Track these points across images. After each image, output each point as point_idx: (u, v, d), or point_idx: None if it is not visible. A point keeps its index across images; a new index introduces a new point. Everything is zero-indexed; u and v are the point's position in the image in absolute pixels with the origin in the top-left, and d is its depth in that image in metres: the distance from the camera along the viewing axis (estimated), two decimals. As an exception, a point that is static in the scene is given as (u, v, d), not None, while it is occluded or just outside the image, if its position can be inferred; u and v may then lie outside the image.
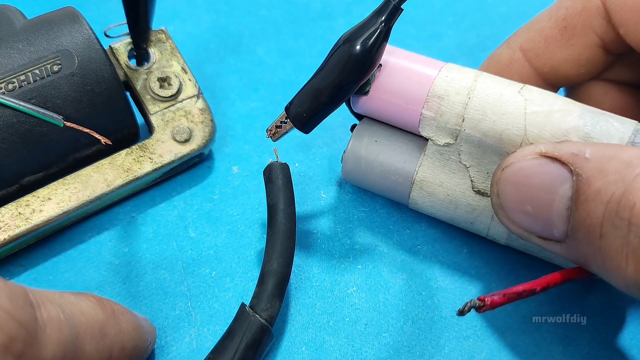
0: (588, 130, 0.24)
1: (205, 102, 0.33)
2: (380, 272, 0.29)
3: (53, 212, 0.29)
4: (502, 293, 0.22)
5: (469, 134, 0.26)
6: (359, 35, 0.25)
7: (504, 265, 0.29)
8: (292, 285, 0.29)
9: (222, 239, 0.31)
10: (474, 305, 0.22)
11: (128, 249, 0.30)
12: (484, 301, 0.22)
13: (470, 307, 0.22)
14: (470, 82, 0.26)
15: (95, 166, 0.30)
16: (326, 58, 0.26)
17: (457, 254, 0.30)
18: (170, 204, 0.32)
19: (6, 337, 0.17)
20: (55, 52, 0.29)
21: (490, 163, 0.26)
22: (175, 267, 0.30)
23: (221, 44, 0.39)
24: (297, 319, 0.28)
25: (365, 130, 0.29)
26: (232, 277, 0.29)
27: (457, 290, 0.29)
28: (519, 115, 0.25)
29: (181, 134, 0.31)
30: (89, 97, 0.29)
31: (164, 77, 0.32)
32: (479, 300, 0.22)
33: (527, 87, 0.25)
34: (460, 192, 0.27)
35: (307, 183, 0.33)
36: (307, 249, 0.30)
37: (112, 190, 0.30)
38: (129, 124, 0.31)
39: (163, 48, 0.33)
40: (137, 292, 0.29)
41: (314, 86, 0.26)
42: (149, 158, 0.31)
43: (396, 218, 0.31)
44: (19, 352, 0.18)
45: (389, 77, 0.27)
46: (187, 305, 0.28)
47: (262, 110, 0.36)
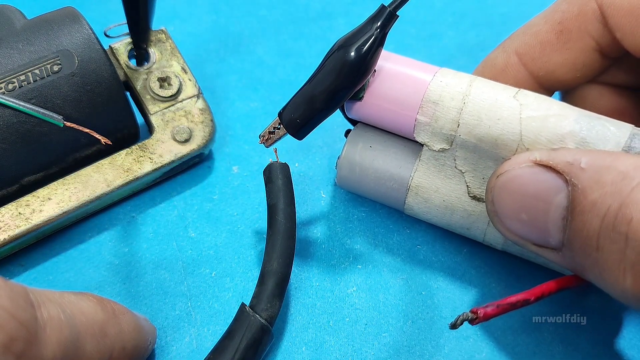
0: (584, 135, 0.23)
1: (205, 102, 0.33)
2: (380, 272, 0.29)
3: (53, 212, 0.29)
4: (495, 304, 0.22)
5: (464, 139, 0.26)
6: (354, 41, 0.25)
7: (504, 265, 0.29)
8: (292, 285, 0.29)
9: (222, 239, 0.31)
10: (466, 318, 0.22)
11: (128, 249, 0.30)
12: (476, 313, 0.22)
13: (462, 320, 0.22)
14: (465, 87, 0.26)
15: (95, 166, 0.30)
16: (321, 63, 0.26)
17: (457, 254, 0.30)
18: (170, 204, 0.32)
19: (7, 336, 0.18)
20: (55, 52, 0.29)
21: (486, 168, 0.26)
22: (175, 267, 0.30)
23: (221, 44, 0.39)
24: (297, 319, 0.28)
25: (360, 135, 0.29)
26: (232, 277, 0.29)
27: (457, 290, 0.29)
28: (515, 120, 0.24)
29: (181, 134, 0.31)
30: (89, 97, 0.29)
31: (164, 77, 0.32)
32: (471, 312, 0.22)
33: (522, 92, 0.25)
34: (456, 198, 0.27)
35: (307, 183, 0.33)
36: (307, 248, 0.30)
37: (112, 190, 0.30)
38: (129, 124, 0.31)
39: (163, 48, 0.33)
40: (137, 292, 0.29)
41: (308, 92, 0.26)
42: (149, 158, 0.31)
43: (396, 218, 0.31)
44: (19, 352, 0.18)
45: (384, 82, 0.27)
46: (187, 305, 0.28)
47: (262, 110, 0.36)
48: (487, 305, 0.22)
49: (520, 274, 0.29)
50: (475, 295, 0.29)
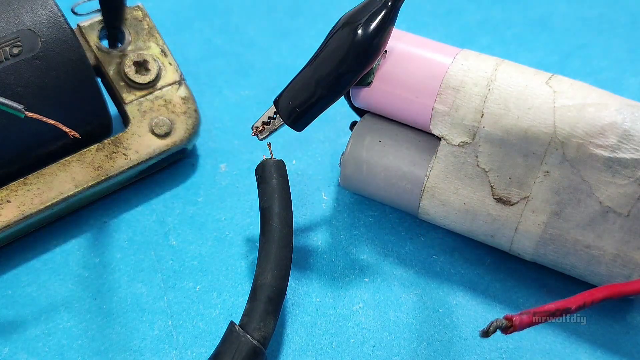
0: (627, 127, 0.24)
1: (188, 90, 0.32)
2: (390, 287, 0.29)
3: (13, 216, 0.29)
4: (532, 312, 0.22)
5: (489, 131, 0.26)
6: (361, 17, 0.25)
7: (534, 278, 0.29)
8: (288, 301, 0.29)
9: (207, 247, 0.31)
10: (499, 325, 0.22)
11: (99, 259, 0.30)
12: (511, 321, 0.22)
13: (495, 327, 0.22)
14: (490, 71, 0.26)
15: (61, 164, 0.30)
16: (322, 43, 0.26)
17: (479, 266, 0.30)
18: (148, 207, 0.32)
19: None
20: (15, 32, 0.29)
21: (513, 166, 0.26)
22: (154, 280, 0.30)
23: (206, 22, 0.39)
24: (294, 339, 0.28)
25: (367, 128, 0.29)
26: (220, 291, 0.29)
27: (478, 308, 0.29)
28: (547, 109, 0.25)
29: (160, 126, 0.31)
30: (54, 84, 0.29)
31: (141, 60, 0.32)
32: (505, 319, 0.22)
33: (556, 77, 0.25)
34: (479, 201, 0.27)
35: (306, 183, 0.33)
36: (305, 259, 0.30)
37: (80, 192, 0.30)
38: (101, 114, 0.31)
39: (139, 27, 0.33)
40: (110, 308, 0.29)
41: (308, 76, 0.26)
42: (123, 154, 0.31)
43: (409, 224, 0.31)
44: None
45: (395, 65, 0.27)
46: (167, 324, 0.28)
47: (254, 100, 0.36)
48: (522, 313, 0.22)
49: (552, 287, 0.29)
50: (500, 313, 0.29)
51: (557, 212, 0.25)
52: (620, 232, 0.25)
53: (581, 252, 0.26)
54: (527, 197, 0.26)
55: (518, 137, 0.25)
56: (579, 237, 0.25)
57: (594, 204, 0.25)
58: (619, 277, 0.26)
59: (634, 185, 0.24)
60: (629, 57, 0.37)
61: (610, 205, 0.25)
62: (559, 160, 0.25)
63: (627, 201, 0.24)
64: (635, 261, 0.25)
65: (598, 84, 0.26)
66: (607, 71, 0.36)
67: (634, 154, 0.24)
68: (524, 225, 0.26)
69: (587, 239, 0.25)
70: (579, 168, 0.25)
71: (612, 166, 0.24)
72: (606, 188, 0.24)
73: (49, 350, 0.28)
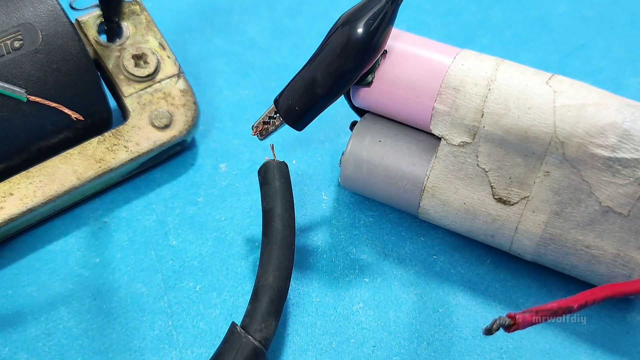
0: (628, 127, 0.24)
1: (186, 82, 0.33)
2: (390, 286, 0.29)
3: (16, 209, 0.29)
4: (534, 310, 0.22)
5: (489, 131, 0.26)
6: (360, 15, 0.25)
7: (534, 278, 0.29)
8: (289, 301, 0.29)
9: (207, 247, 0.31)
10: (503, 324, 0.22)
11: (99, 259, 0.30)
12: (514, 319, 0.22)
13: (499, 325, 0.22)
14: (490, 71, 0.26)
15: (62, 156, 0.30)
16: (322, 42, 0.26)
17: (479, 265, 0.30)
18: (149, 207, 0.32)
19: None
20: (16, 26, 0.29)
21: (513, 166, 0.26)
22: (154, 280, 0.30)
23: (206, 22, 0.39)
24: (295, 340, 0.28)
25: (368, 128, 0.29)
26: (220, 291, 0.29)
27: (478, 308, 0.29)
28: (548, 109, 0.25)
29: (160, 118, 0.31)
30: (55, 77, 0.29)
31: (139, 54, 0.32)
32: (508, 317, 0.22)
33: (556, 77, 0.25)
34: (479, 200, 0.27)
35: (306, 183, 0.33)
36: (306, 259, 0.30)
37: (82, 184, 0.30)
38: (101, 107, 0.31)
39: (137, 21, 0.33)
40: (110, 308, 0.29)
41: (308, 75, 0.26)
42: (124, 147, 0.31)
43: (409, 224, 0.31)
44: None
45: (396, 65, 0.27)
46: (167, 324, 0.28)
47: (254, 100, 0.36)
48: (524, 311, 0.22)
49: (553, 287, 0.29)
50: (500, 313, 0.29)
51: (557, 212, 0.26)
52: (620, 232, 0.25)
53: (581, 251, 0.26)
54: (527, 197, 0.26)
55: (518, 137, 0.25)
56: (579, 237, 0.26)
57: (594, 204, 0.25)
58: (619, 277, 0.26)
59: (634, 185, 0.24)
60: (629, 57, 0.37)
61: (611, 205, 0.25)
62: (559, 160, 0.25)
63: (627, 201, 0.24)
64: (636, 261, 0.25)
65: (598, 84, 0.26)
66: (607, 71, 0.36)
67: (634, 154, 0.24)
68: (524, 225, 0.26)
69: (587, 238, 0.25)
70: (579, 168, 0.25)
71: (612, 166, 0.24)
72: (606, 188, 0.25)
73: (49, 350, 0.28)
